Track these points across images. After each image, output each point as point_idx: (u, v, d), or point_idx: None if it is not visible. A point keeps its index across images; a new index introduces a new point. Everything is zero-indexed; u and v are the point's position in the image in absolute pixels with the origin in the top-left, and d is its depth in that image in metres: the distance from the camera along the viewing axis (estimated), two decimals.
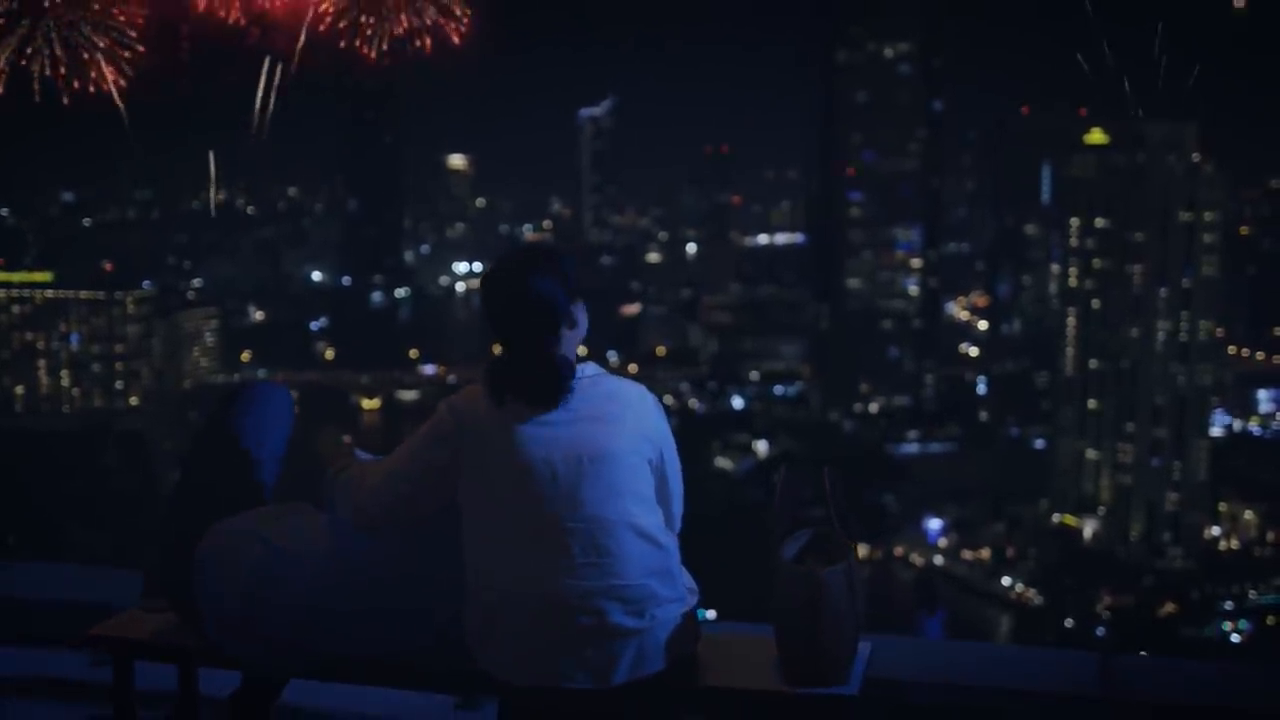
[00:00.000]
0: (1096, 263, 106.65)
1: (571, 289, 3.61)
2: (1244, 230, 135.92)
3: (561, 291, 3.57)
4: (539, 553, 3.47)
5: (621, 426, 3.50)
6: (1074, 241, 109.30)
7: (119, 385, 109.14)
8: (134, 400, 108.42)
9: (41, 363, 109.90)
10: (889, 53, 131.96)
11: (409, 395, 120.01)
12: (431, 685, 4.31)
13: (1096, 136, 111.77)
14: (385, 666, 3.81)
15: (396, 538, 3.70)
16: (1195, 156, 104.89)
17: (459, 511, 3.63)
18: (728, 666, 3.68)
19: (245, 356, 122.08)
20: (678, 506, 3.71)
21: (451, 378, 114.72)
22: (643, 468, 3.53)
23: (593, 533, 3.44)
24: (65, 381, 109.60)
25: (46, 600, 5.25)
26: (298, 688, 4.13)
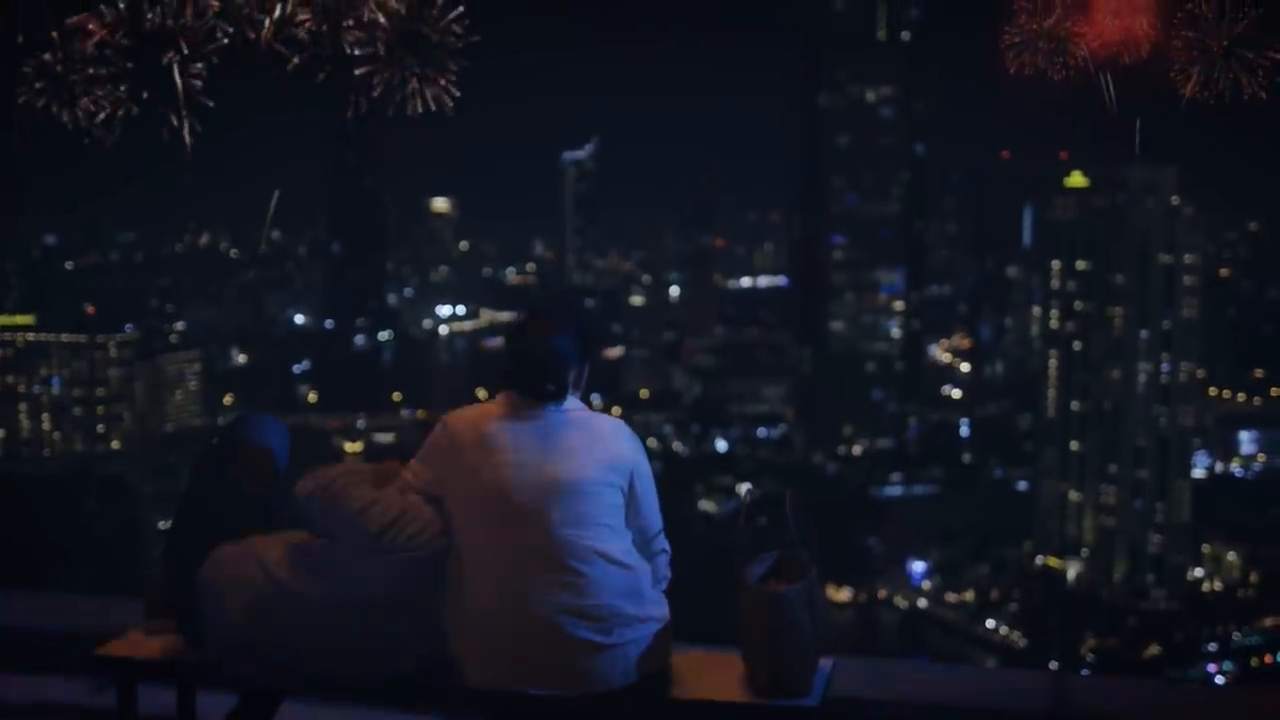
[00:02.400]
0: (1078, 305, 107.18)
1: (583, 352, 3.97)
2: (1224, 272, 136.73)
3: (574, 353, 3.92)
4: (515, 573, 3.77)
5: (591, 457, 3.80)
6: (1055, 284, 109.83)
7: (100, 429, 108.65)
8: (116, 444, 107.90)
9: (22, 406, 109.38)
10: (871, 97, 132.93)
11: (388, 438, 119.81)
12: (422, 705, 4.51)
13: (1077, 180, 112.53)
14: (379, 687, 4.03)
15: (390, 563, 3.90)
16: (1175, 199, 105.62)
17: (447, 538, 3.92)
18: (696, 681, 3.95)
19: (228, 400, 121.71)
20: (653, 523, 3.99)
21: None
22: (612, 495, 3.83)
23: (563, 556, 3.75)
24: (46, 425, 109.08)
25: (44, 629, 5.40)
26: (291, 710, 4.31)
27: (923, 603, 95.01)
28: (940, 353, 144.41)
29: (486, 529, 3.80)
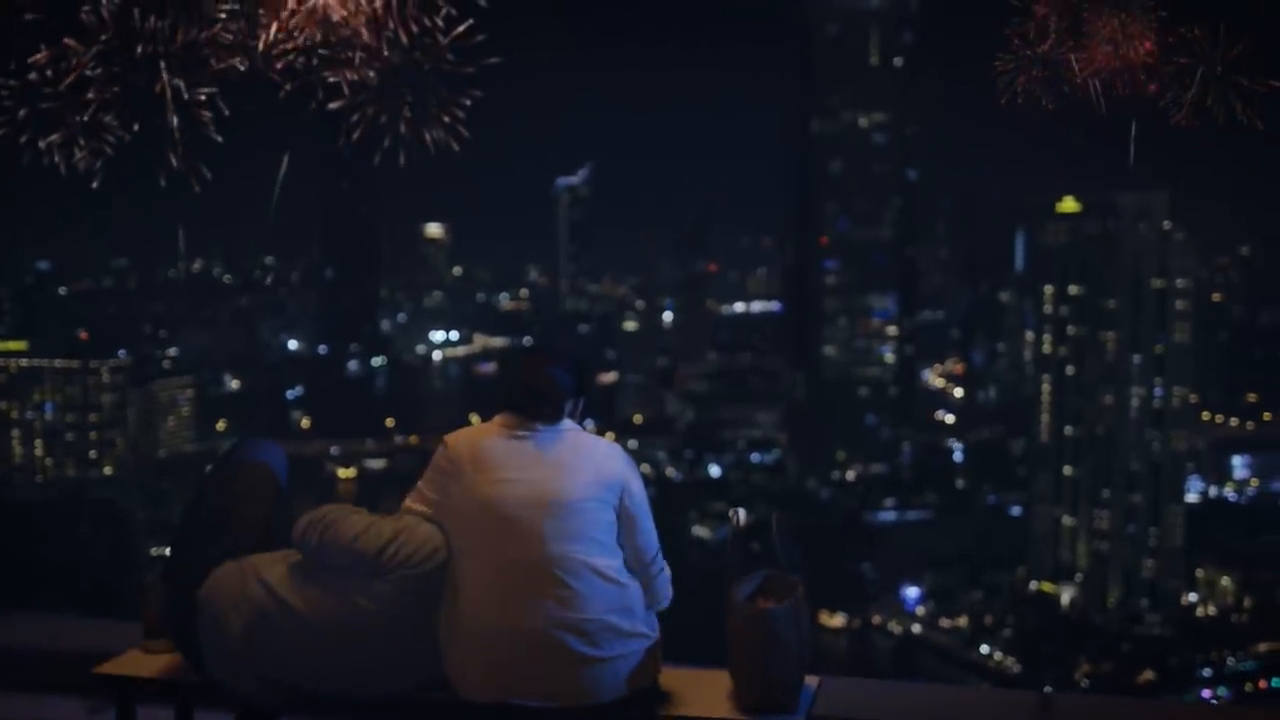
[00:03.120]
0: (1070, 329, 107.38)
1: (579, 383, 4.13)
2: (1216, 297, 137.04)
3: (571, 384, 4.08)
4: (508, 586, 3.88)
5: (584, 475, 3.93)
6: (1048, 309, 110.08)
7: (93, 455, 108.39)
8: (108, 470, 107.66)
9: (15, 432, 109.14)
10: (864, 122, 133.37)
11: (380, 464, 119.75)
12: None
13: (1069, 205, 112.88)
14: (378, 706, 4.10)
15: (389, 582, 3.99)
16: (1167, 224, 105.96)
17: (445, 556, 4.02)
18: (685, 697, 4.04)
19: (221, 425, 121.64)
20: (650, 543, 4.10)
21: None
22: (604, 513, 3.95)
23: (556, 571, 3.86)
24: (39, 451, 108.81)
25: (42, 649, 5.45)
26: None
27: (917, 628, 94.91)
28: (933, 378, 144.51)
29: (481, 543, 3.91)
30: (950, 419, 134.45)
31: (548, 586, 3.85)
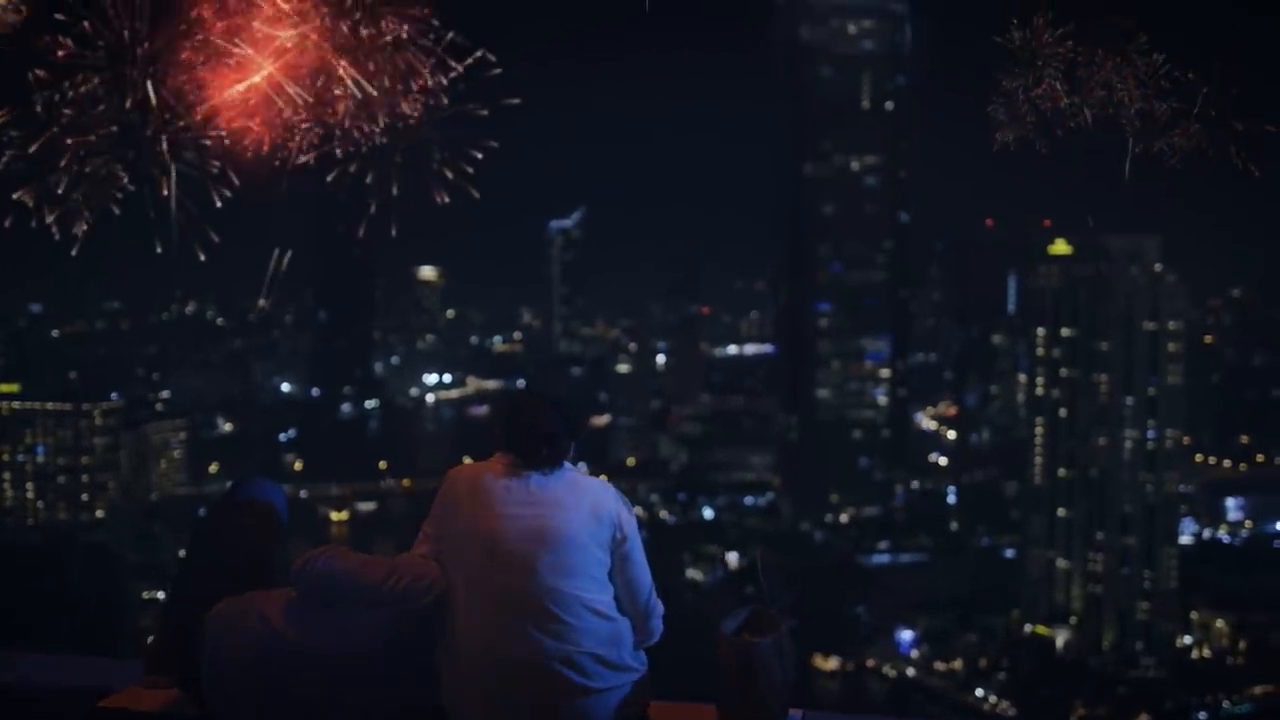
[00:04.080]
0: (1063, 372, 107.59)
1: (572, 428, 4.24)
2: (1208, 339, 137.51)
3: (564, 429, 4.19)
4: (503, 618, 4.01)
5: (578, 513, 4.07)
6: (1040, 351, 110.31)
7: (85, 498, 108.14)
8: (100, 513, 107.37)
9: (6, 475, 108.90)
10: (856, 166, 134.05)
11: (371, 506, 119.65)
12: None
13: (1060, 247, 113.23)
14: None
15: (387, 616, 4.11)
16: (1158, 266, 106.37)
17: (441, 589, 4.13)
18: None
19: (213, 468, 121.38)
20: (643, 579, 4.24)
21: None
22: (597, 550, 4.09)
23: (550, 604, 4.00)
24: (30, 494, 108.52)
25: (44, 685, 5.51)
26: None
27: (911, 671, 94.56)
28: (926, 420, 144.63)
29: (478, 575, 4.03)
30: (943, 461, 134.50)
31: (542, 620, 3.97)
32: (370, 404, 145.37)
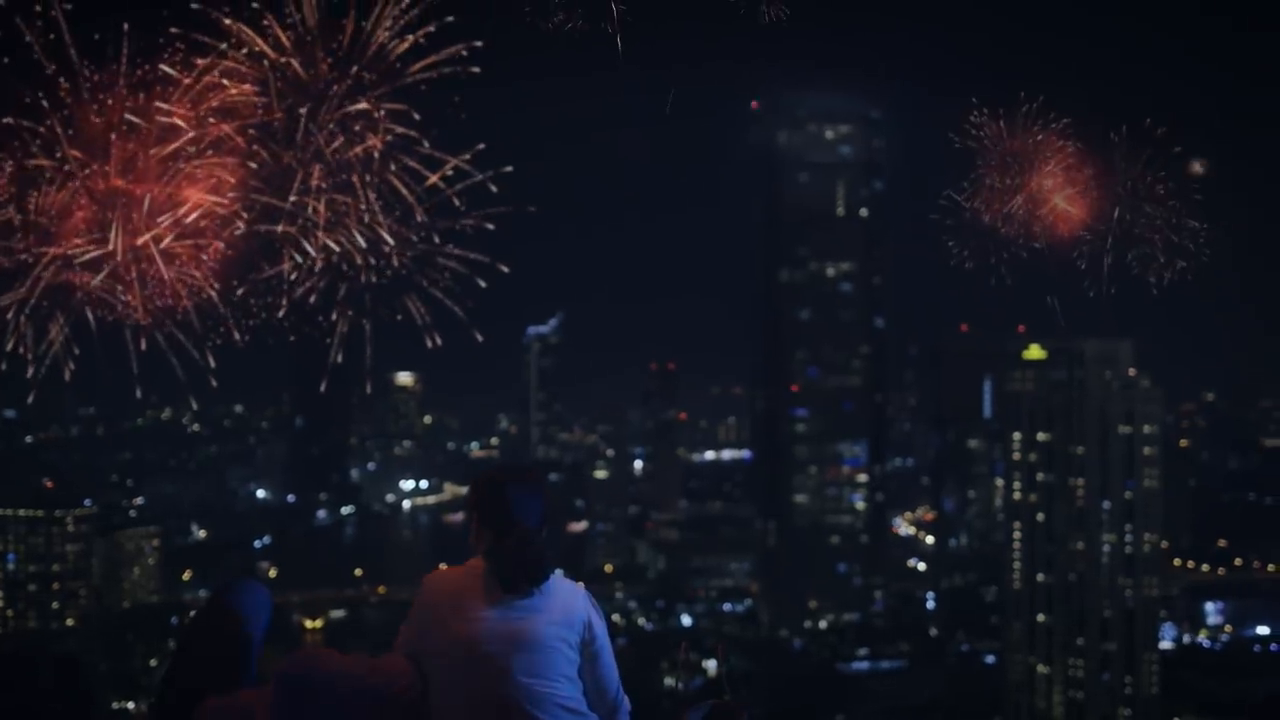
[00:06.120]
0: (1040, 476, 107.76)
1: (547, 512, 4.50)
2: (1183, 443, 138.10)
3: (540, 512, 4.47)
4: (481, 718, 4.13)
5: (551, 615, 4.24)
6: (1017, 455, 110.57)
7: (55, 606, 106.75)
8: (71, 621, 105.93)
9: None
10: (831, 271, 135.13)
11: (347, 615, 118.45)
12: None
13: (1035, 352, 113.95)
14: None
15: (369, 713, 4.12)
16: (1132, 371, 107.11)
17: (422, 686, 4.22)
18: None
19: (186, 576, 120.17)
20: (611, 677, 4.41)
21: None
22: (568, 651, 4.25)
23: (524, 703, 4.13)
24: (0, 602, 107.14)
25: None
26: None
27: None
28: (904, 525, 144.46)
29: (456, 677, 4.16)
30: (922, 566, 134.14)
31: (517, 717, 4.12)
32: (346, 510, 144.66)
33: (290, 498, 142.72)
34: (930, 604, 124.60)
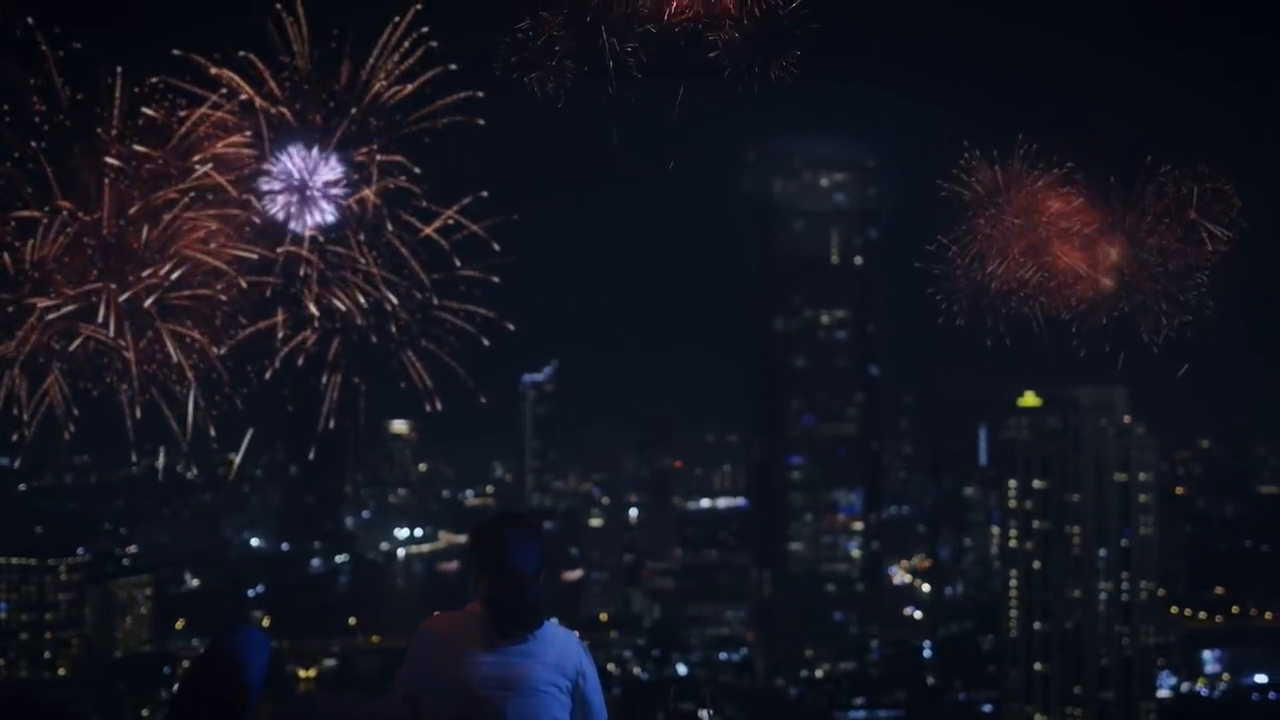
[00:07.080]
0: (1036, 524, 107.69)
1: (544, 559, 4.61)
2: (1179, 490, 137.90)
3: (537, 559, 4.59)
4: None
5: (543, 661, 4.36)
6: (1013, 503, 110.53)
7: (47, 655, 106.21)
8: (62, 671, 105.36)
9: None
10: (825, 319, 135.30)
11: (341, 664, 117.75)
12: None
13: (1029, 399, 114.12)
14: None
15: None
16: (1127, 418, 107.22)
17: None
18: None
19: (179, 624, 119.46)
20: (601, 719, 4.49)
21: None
22: (559, 696, 4.37)
23: None
24: None
25: None
26: None
27: None
28: (900, 573, 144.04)
29: (453, 718, 4.27)
30: (918, 615, 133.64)
31: None
32: (340, 559, 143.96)
33: (284, 546, 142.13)
34: (927, 652, 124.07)
